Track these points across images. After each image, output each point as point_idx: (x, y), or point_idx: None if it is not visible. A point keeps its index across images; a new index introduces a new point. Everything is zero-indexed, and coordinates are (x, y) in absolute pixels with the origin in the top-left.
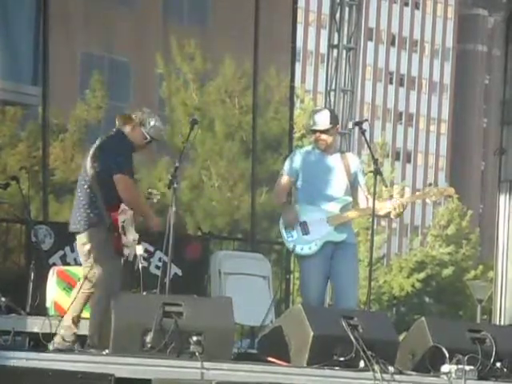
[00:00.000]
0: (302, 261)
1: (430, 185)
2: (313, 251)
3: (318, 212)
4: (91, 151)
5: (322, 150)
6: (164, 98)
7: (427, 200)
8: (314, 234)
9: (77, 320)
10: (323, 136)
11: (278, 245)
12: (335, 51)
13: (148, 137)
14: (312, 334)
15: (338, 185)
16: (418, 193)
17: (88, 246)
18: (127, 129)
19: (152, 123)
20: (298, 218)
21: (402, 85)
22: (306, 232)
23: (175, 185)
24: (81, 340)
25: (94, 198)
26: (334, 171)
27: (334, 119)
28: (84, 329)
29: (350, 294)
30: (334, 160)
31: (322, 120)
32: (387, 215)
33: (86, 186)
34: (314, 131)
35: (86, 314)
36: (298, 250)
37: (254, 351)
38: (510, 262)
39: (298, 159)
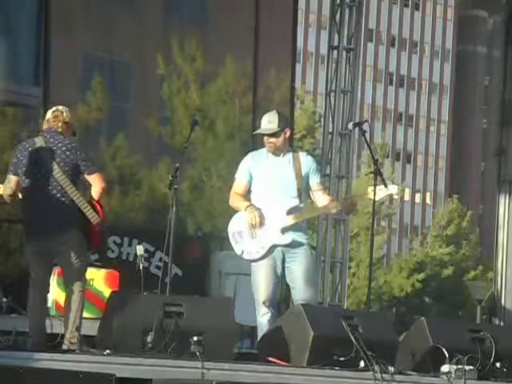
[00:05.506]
0: (251, 265)
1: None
2: (260, 255)
3: (265, 216)
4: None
5: (272, 153)
6: (165, 99)
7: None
8: (260, 238)
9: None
10: (271, 139)
11: None
12: (335, 52)
13: None
14: (312, 334)
15: (286, 187)
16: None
17: None
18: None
19: None
20: (262, 218)
21: (401, 86)
22: (253, 236)
23: (176, 185)
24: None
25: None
26: (282, 174)
27: (282, 122)
28: (86, 329)
29: (303, 292)
30: (283, 162)
31: (269, 123)
32: (338, 213)
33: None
34: (262, 135)
35: (85, 313)
36: (245, 255)
37: (255, 351)
38: (509, 262)
39: (248, 162)
